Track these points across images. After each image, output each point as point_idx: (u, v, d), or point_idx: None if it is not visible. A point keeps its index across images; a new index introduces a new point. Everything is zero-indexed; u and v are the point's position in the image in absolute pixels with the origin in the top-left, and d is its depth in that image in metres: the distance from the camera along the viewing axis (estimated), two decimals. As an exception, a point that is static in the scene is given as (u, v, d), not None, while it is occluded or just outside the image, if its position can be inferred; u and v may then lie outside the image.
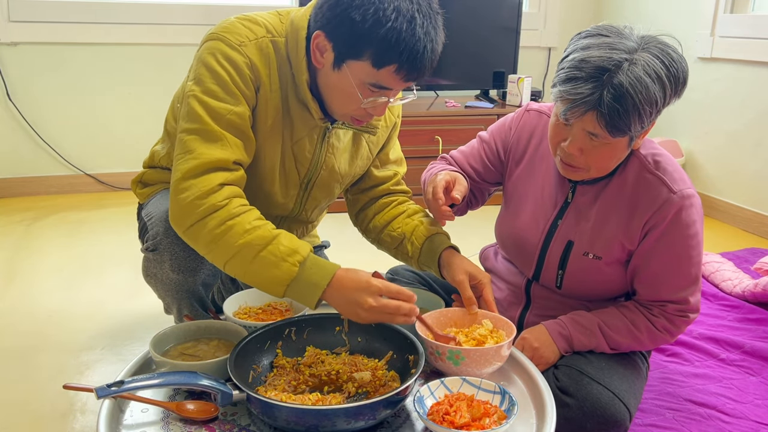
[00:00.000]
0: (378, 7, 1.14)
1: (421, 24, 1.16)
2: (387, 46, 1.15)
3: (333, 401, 1.09)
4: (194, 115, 1.23)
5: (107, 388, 1.02)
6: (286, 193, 1.45)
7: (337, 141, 1.42)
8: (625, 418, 1.27)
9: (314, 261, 1.17)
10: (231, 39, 1.26)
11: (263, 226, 1.18)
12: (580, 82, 1.17)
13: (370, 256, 1.73)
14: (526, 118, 1.49)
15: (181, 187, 1.19)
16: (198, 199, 1.17)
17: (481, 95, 3.70)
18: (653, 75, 1.16)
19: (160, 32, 3.34)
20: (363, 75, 1.20)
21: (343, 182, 1.51)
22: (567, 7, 3.91)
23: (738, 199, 3.13)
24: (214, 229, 1.16)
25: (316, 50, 1.22)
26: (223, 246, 1.16)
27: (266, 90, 1.29)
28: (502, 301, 1.53)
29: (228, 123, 1.23)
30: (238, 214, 1.17)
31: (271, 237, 1.16)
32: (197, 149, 1.20)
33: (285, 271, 1.15)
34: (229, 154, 1.22)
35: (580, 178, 1.32)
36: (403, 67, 1.17)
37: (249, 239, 1.15)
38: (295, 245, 1.17)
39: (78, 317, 2.05)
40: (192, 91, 1.25)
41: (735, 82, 3.09)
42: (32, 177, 3.35)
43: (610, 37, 1.19)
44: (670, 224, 1.29)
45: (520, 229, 1.47)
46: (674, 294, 1.34)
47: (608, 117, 1.16)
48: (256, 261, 1.15)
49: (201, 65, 1.26)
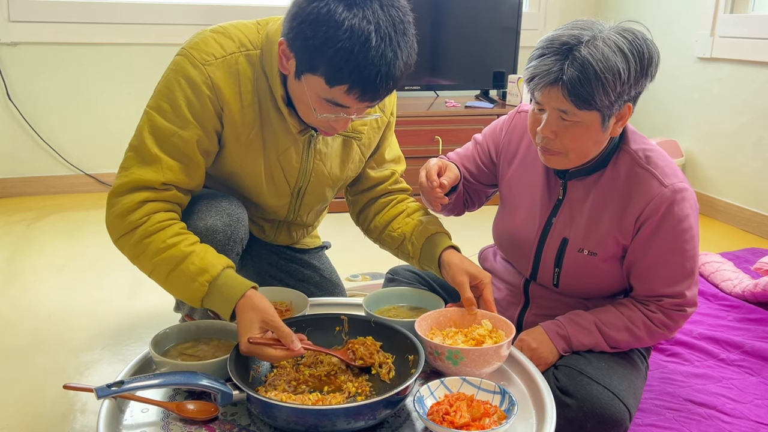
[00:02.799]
0: (331, 25, 1.09)
1: (377, 46, 1.10)
2: (337, 66, 1.11)
3: (333, 401, 1.09)
4: (139, 133, 1.26)
5: (107, 388, 1.02)
6: (277, 202, 1.46)
7: (325, 147, 1.42)
8: (625, 418, 1.27)
9: (227, 279, 1.19)
10: (195, 56, 1.26)
11: (178, 244, 1.21)
12: (546, 57, 1.22)
13: (370, 255, 1.74)
14: (518, 119, 1.50)
15: (110, 202, 1.25)
16: (119, 216, 1.23)
17: (481, 95, 3.70)
18: (614, 47, 1.20)
19: (160, 32, 3.34)
20: (318, 90, 1.18)
21: (335, 186, 1.51)
22: (567, 7, 3.91)
23: (738, 199, 3.13)
24: (134, 247, 1.22)
25: (281, 56, 1.21)
26: (142, 262, 1.23)
27: (233, 108, 1.28)
28: (501, 301, 1.54)
29: (170, 145, 1.25)
30: (154, 232, 1.21)
31: (183, 256, 1.20)
32: (130, 168, 1.24)
33: (196, 289, 1.19)
34: (158, 176, 1.24)
35: (561, 166, 1.33)
36: (354, 88, 1.14)
37: (162, 257, 1.20)
38: (205, 264, 1.19)
39: (78, 317, 2.05)
40: (148, 106, 1.28)
41: (735, 82, 3.09)
42: (32, 177, 3.35)
43: (581, 22, 1.25)
44: (662, 218, 1.30)
45: (515, 229, 1.47)
46: (670, 288, 1.34)
47: (570, 86, 1.19)
48: (170, 278, 1.21)
49: (163, 81, 1.28)
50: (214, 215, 1.33)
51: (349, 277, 2.35)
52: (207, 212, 1.33)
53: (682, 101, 3.40)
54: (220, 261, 1.21)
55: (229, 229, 1.34)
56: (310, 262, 1.72)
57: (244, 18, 1.37)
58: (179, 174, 1.25)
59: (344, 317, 1.27)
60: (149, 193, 1.23)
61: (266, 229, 1.59)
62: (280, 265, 1.69)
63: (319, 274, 1.72)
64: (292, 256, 1.70)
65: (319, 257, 1.76)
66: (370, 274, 2.39)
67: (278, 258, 1.69)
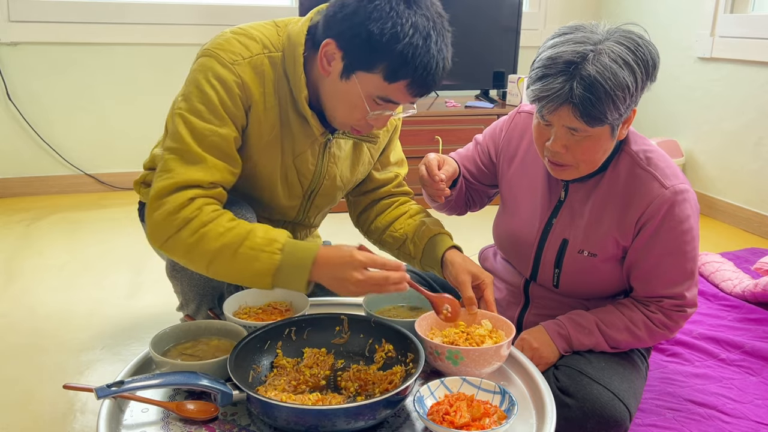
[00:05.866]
0: (396, 21, 1.14)
1: (436, 41, 1.18)
2: (402, 61, 1.16)
3: (333, 401, 1.09)
4: (177, 135, 1.23)
5: (107, 388, 1.02)
6: (289, 204, 1.47)
7: (338, 150, 1.43)
8: (625, 418, 1.27)
9: (294, 245, 1.18)
10: (224, 57, 1.26)
11: (237, 226, 1.19)
12: (551, 78, 1.19)
13: (370, 256, 1.73)
14: (517, 119, 1.50)
15: (154, 205, 1.20)
16: (170, 215, 1.18)
17: (481, 95, 3.70)
18: (620, 61, 1.17)
19: (160, 32, 3.34)
20: (372, 87, 1.20)
21: (345, 188, 1.52)
22: (567, 7, 3.91)
23: (738, 199, 3.13)
24: (188, 239, 1.18)
25: (323, 58, 1.22)
26: (201, 252, 1.18)
27: (259, 108, 1.29)
28: (501, 301, 1.54)
29: (210, 144, 1.24)
30: (210, 221, 1.18)
31: (246, 232, 1.17)
32: (175, 169, 1.21)
33: (266, 261, 1.16)
34: (207, 175, 1.22)
35: (571, 177, 1.32)
36: (415, 82, 1.19)
37: (224, 241, 1.17)
38: (271, 235, 1.18)
39: (78, 317, 2.05)
40: (179, 109, 1.25)
41: (735, 82, 3.09)
42: (32, 177, 3.35)
43: (575, 33, 1.22)
44: (662, 220, 1.29)
45: (515, 230, 1.47)
46: (670, 289, 1.34)
47: (582, 107, 1.17)
48: (236, 259, 1.16)
49: (191, 83, 1.26)
50: None
51: (349, 277, 2.34)
52: None
53: (682, 101, 3.40)
54: (282, 232, 1.20)
55: None
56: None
57: (247, 18, 1.37)
58: (224, 172, 1.25)
59: (344, 317, 1.27)
60: (198, 191, 1.21)
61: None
62: (281, 264, 1.68)
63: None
64: (292, 256, 1.70)
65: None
66: (370, 274, 2.38)
67: (279, 257, 1.68)
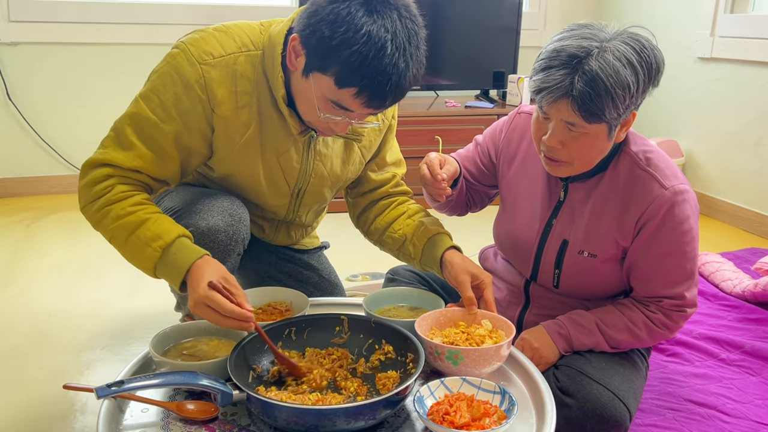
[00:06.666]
0: (349, 27, 1.10)
1: (391, 54, 1.11)
2: (349, 68, 1.12)
3: (333, 401, 1.09)
4: (124, 116, 1.29)
5: (107, 388, 1.02)
6: (277, 202, 1.46)
7: (325, 148, 1.42)
8: (625, 418, 1.27)
9: (181, 247, 1.20)
10: (193, 53, 1.26)
11: (137, 211, 1.22)
12: (553, 70, 1.19)
13: (370, 255, 1.73)
14: (517, 120, 1.50)
15: (82, 173, 1.29)
16: (87, 186, 1.26)
17: (481, 95, 3.70)
18: (624, 60, 1.17)
19: (161, 32, 3.34)
20: (325, 90, 1.18)
21: (334, 187, 1.51)
22: (567, 7, 3.91)
23: (738, 199, 3.13)
24: (95, 213, 1.25)
25: (291, 52, 1.21)
26: (103, 229, 1.26)
27: (227, 108, 1.29)
28: (502, 301, 1.54)
29: (147, 136, 1.26)
30: (117, 201, 1.23)
31: (140, 222, 1.21)
32: (108, 147, 1.28)
33: (149, 255, 1.20)
34: (129, 161, 1.26)
35: (565, 174, 1.32)
36: (362, 92, 1.14)
37: (120, 223, 1.22)
38: (159, 230, 1.20)
39: (78, 317, 2.05)
40: (139, 93, 1.29)
41: (735, 82, 3.09)
42: (32, 177, 3.35)
43: (583, 29, 1.23)
44: (662, 220, 1.29)
45: (516, 230, 1.47)
46: (670, 289, 1.34)
47: (581, 101, 1.17)
48: (127, 244, 1.23)
49: (157, 72, 1.29)
50: (216, 215, 1.33)
51: (349, 278, 2.35)
52: (209, 212, 1.33)
53: (682, 101, 3.40)
54: (176, 229, 1.22)
55: (231, 229, 1.35)
56: (309, 263, 1.72)
57: (245, 18, 1.37)
58: (150, 164, 1.27)
59: (344, 317, 1.27)
60: (115, 171, 1.26)
61: (266, 228, 1.59)
62: (279, 265, 1.69)
63: (318, 274, 1.72)
64: (291, 256, 1.70)
65: (317, 258, 1.76)
66: (370, 274, 2.39)
67: (277, 258, 1.69)
